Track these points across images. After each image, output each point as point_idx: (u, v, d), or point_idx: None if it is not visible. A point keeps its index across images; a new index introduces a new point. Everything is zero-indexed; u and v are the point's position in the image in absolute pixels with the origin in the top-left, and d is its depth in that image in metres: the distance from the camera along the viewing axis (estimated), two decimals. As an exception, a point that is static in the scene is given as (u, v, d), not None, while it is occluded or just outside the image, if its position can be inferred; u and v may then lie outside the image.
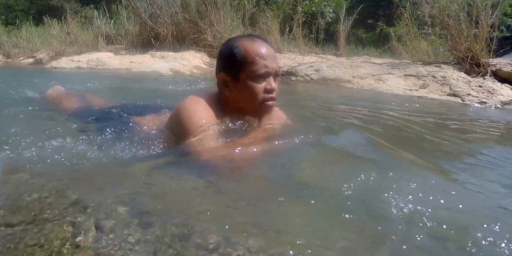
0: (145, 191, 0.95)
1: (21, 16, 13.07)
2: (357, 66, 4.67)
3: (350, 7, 11.31)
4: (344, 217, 0.82)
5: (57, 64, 5.72)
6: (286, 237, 0.74)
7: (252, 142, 1.20)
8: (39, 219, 0.76)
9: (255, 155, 1.16)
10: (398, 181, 1.02)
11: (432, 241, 0.76)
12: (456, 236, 0.78)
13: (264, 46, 1.23)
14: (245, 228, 0.76)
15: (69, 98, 2.07)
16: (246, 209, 0.87)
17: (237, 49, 1.21)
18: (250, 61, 1.20)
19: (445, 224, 0.81)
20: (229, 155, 1.13)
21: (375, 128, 1.91)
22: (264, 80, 1.23)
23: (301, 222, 0.82)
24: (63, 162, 1.13)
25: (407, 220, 0.82)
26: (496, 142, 1.88)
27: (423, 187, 1.00)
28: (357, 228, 0.79)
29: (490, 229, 0.81)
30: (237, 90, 1.25)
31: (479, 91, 3.59)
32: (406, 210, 0.85)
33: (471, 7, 4.14)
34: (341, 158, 1.30)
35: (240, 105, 1.26)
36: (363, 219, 0.83)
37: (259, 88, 1.22)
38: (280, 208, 0.87)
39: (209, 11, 6.18)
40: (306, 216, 0.85)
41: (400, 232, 0.78)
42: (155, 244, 0.68)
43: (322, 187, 1.01)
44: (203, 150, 1.12)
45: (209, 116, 1.20)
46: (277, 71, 1.25)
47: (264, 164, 1.17)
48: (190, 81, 4.14)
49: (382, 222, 0.82)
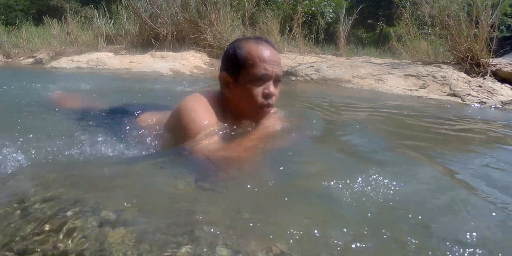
0: (147, 191, 0.95)
1: (21, 16, 13.07)
2: (357, 66, 4.68)
3: (350, 7, 11.30)
4: (345, 217, 0.82)
5: (57, 64, 5.72)
6: (287, 237, 0.74)
7: (254, 143, 1.19)
8: (39, 219, 0.76)
9: (257, 156, 1.16)
10: (399, 181, 1.02)
11: (440, 241, 0.76)
12: (475, 241, 0.77)
13: (267, 49, 1.21)
14: (248, 229, 0.76)
15: (71, 99, 2.07)
16: (249, 209, 0.87)
17: (240, 50, 1.21)
18: (250, 63, 1.19)
19: (447, 224, 0.81)
20: (231, 156, 1.12)
21: (375, 128, 1.91)
22: (263, 84, 1.21)
23: (303, 223, 0.82)
24: (62, 162, 1.13)
25: (411, 220, 0.82)
26: (496, 142, 1.88)
27: (423, 186, 1.00)
28: (358, 228, 0.79)
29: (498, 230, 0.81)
30: (236, 91, 1.24)
31: (479, 91, 3.59)
32: (408, 210, 0.85)
33: (471, 7, 4.14)
34: (341, 157, 1.30)
35: (239, 106, 1.26)
36: (364, 219, 0.83)
37: (257, 91, 1.21)
38: (283, 208, 0.87)
39: (209, 11, 6.18)
40: (308, 216, 0.85)
41: (405, 233, 0.78)
42: (157, 244, 0.68)
43: (323, 188, 1.01)
44: (205, 151, 1.12)
45: (209, 117, 1.19)
46: (278, 76, 1.24)
47: (266, 165, 1.17)
48: (190, 81, 4.14)
49: (384, 222, 0.82)
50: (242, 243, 0.69)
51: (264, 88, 1.21)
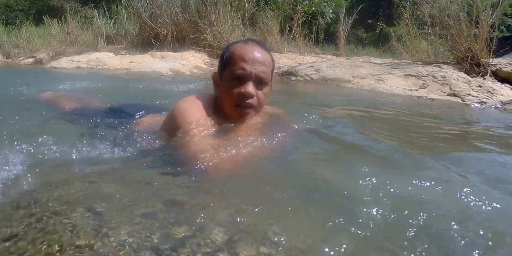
0: (142, 190, 0.95)
1: (21, 16, 13.08)
2: (357, 66, 4.67)
3: (350, 7, 11.31)
4: (346, 216, 0.82)
5: (57, 64, 5.72)
6: (288, 237, 0.74)
7: (244, 142, 1.18)
8: (39, 219, 0.76)
9: (250, 154, 1.15)
10: (400, 181, 1.02)
11: (443, 241, 0.76)
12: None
13: (253, 50, 1.21)
14: (249, 229, 0.76)
15: (66, 99, 2.07)
16: (247, 208, 0.87)
17: (228, 49, 1.25)
18: (231, 61, 1.21)
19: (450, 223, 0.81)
20: (222, 155, 1.11)
21: (374, 127, 1.91)
22: (241, 84, 1.20)
23: (302, 223, 0.82)
24: (61, 161, 1.13)
25: (414, 220, 0.82)
26: (495, 142, 1.87)
27: (424, 186, 1.00)
28: (360, 229, 0.79)
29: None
30: (220, 90, 1.27)
31: (479, 91, 3.59)
32: (411, 210, 0.85)
33: (471, 7, 4.14)
34: (340, 156, 1.30)
35: (222, 105, 1.27)
36: (365, 219, 0.83)
37: (233, 90, 1.20)
38: (280, 206, 0.87)
39: (209, 11, 6.18)
40: (307, 216, 0.85)
41: (408, 235, 0.78)
42: (158, 244, 0.68)
43: (321, 187, 1.01)
44: (194, 148, 1.11)
45: (201, 116, 1.20)
46: (259, 77, 1.20)
47: (259, 163, 1.16)
48: (190, 81, 4.14)
49: (385, 222, 0.82)
50: (245, 244, 0.69)
51: (241, 87, 1.20)
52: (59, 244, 0.67)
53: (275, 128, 1.32)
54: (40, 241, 0.68)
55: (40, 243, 0.68)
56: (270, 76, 1.26)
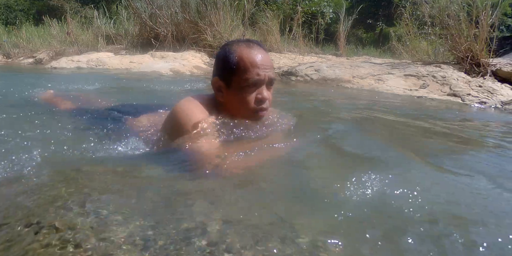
0: (144, 191, 0.95)
1: (21, 16, 13.08)
2: (357, 66, 4.67)
3: (350, 7, 11.31)
4: (348, 218, 0.82)
5: (57, 64, 5.72)
6: (291, 238, 0.74)
7: (251, 144, 1.18)
8: (39, 219, 0.76)
9: (256, 157, 1.15)
10: (401, 181, 1.02)
11: (445, 243, 0.76)
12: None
13: (259, 53, 1.20)
14: (250, 229, 0.76)
15: (65, 99, 2.07)
16: (249, 209, 0.87)
17: (232, 55, 1.20)
18: (243, 68, 1.17)
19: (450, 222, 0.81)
20: (233, 158, 1.11)
21: (375, 128, 1.91)
22: (256, 89, 1.20)
23: (308, 225, 0.82)
24: (60, 161, 1.13)
25: (415, 220, 0.82)
26: (495, 142, 1.87)
27: (424, 186, 1.00)
28: (361, 229, 0.79)
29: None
30: (229, 96, 1.23)
31: (479, 91, 3.59)
32: (413, 212, 0.85)
33: (471, 7, 4.14)
34: (343, 158, 1.30)
35: (232, 111, 1.25)
36: (367, 219, 0.83)
37: (250, 97, 1.20)
38: (286, 210, 0.87)
39: (209, 11, 6.18)
40: (313, 219, 0.85)
41: (409, 236, 0.78)
42: (158, 244, 0.68)
43: (327, 190, 1.01)
44: (201, 151, 1.11)
45: (204, 116, 1.19)
46: (271, 79, 1.22)
47: (265, 167, 1.16)
48: (190, 81, 4.13)
49: (385, 224, 0.82)
50: (246, 244, 0.69)
51: (257, 93, 1.20)
52: (59, 244, 0.67)
53: (280, 126, 1.33)
54: (40, 241, 0.68)
55: (40, 242, 0.68)
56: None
